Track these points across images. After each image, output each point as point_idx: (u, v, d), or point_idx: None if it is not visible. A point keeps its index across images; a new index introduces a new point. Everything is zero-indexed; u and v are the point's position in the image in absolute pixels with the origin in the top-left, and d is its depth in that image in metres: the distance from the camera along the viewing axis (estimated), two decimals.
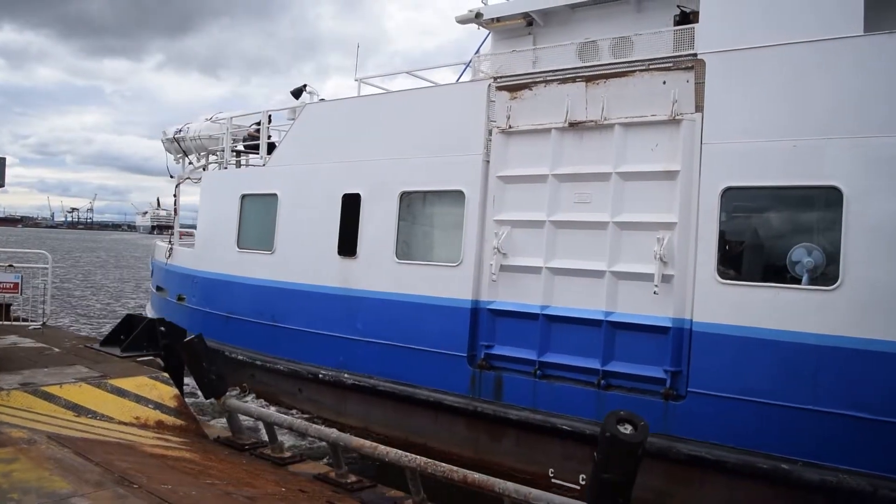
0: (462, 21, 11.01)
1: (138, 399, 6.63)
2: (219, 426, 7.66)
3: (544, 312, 8.32)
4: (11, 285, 10.00)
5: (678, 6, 9.29)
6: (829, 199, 6.78)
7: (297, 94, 12.30)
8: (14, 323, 10.22)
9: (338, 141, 10.68)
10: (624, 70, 8.05)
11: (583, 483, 7.94)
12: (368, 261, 10.07)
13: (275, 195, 11.46)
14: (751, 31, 7.33)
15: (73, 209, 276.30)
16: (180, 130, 14.23)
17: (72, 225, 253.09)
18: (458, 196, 9.17)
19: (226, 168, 13.23)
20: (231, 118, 13.06)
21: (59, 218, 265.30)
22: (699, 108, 7.50)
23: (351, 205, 10.29)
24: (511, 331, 8.59)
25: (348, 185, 10.36)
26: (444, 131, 9.37)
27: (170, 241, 14.82)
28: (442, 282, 9.20)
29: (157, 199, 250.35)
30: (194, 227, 14.27)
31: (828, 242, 6.82)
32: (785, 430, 6.77)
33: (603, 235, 7.98)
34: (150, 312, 16.63)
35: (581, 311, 8.08)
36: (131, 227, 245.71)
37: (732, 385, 7.04)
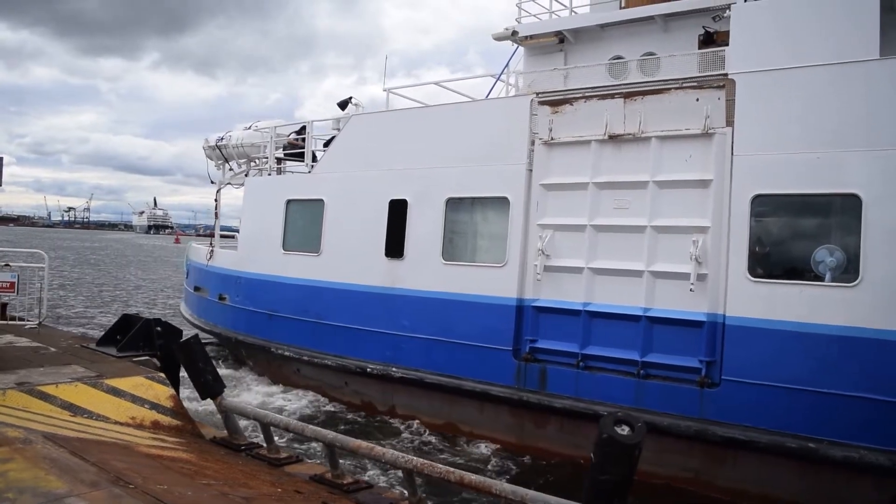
0: (498, 38, 11.78)
1: (134, 399, 6.57)
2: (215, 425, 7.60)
3: (586, 309, 9.08)
4: (7, 284, 9.90)
5: (703, 27, 10.09)
6: (849, 205, 7.57)
7: (343, 105, 13.03)
8: (10, 322, 10.10)
9: (384, 150, 11.43)
10: (660, 88, 8.84)
11: None
12: (415, 262, 10.81)
13: (321, 200, 12.19)
14: (777, 53, 8.12)
15: (70, 208, 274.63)
16: (222, 138, 14.94)
17: (68, 224, 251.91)
18: (502, 202, 9.94)
19: (269, 175, 13.95)
20: (275, 127, 13.79)
21: (56, 217, 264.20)
22: (730, 122, 8.29)
23: (398, 210, 11.04)
24: (554, 326, 9.35)
25: (395, 192, 11.10)
26: (489, 142, 10.13)
27: (210, 244, 15.50)
28: (487, 281, 9.95)
29: (154, 199, 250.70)
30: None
31: (848, 244, 7.60)
32: (811, 413, 7.54)
33: (641, 238, 8.75)
34: (185, 311, 17.36)
35: (621, 308, 8.84)
36: (128, 227, 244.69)
37: (763, 373, 7.82)
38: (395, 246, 11.05)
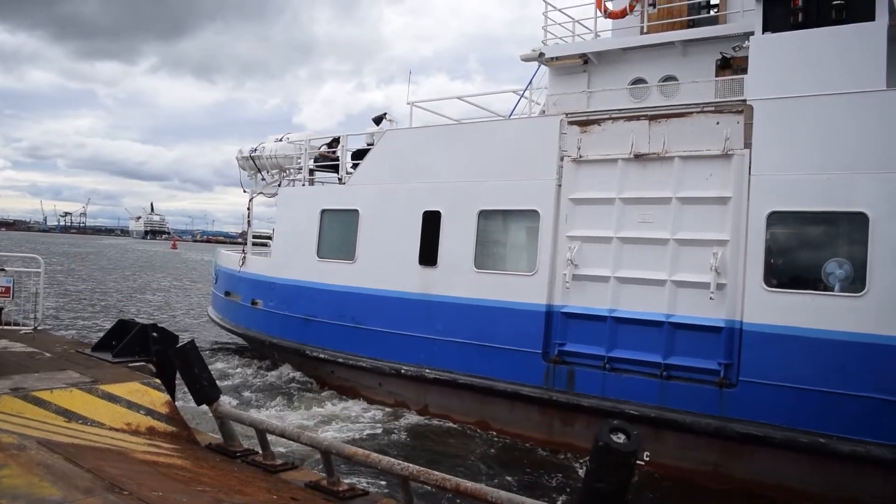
0: (526, 59, 12.54)
1: (130, 405, 6.49)
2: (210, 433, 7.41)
3: (612, 315, 9.81)
4: (3, 289, 9.74)
5: (721, 52, 10.84)
6: (857, 222, 8.31)
7: (377, 121, 13.78)
8: (5, 327, 9.94)
9: (418, 163, 12.16)
10: (683, 111, 9.59)
11: (647, 459, 9.45)
12: (448, 270, 11.52)
13: (356, 210, 12.92)
14: (792, 82, 8.88)
15: (66, 213, 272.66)
16: (255, 149, 15.67)
17: (65, 229, 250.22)
18: (533, 214, 10.67)
19: (303, 185, 14.67)
20: (308, 140, 14.52)
21: (52, 222, 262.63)
22: (748, 144, 9.03)
23: (431, 220, 11.76)
24: (582, 330, 10.07)
25: (429, 203, 11.82)
26: (520, 158, 10.86)
27: (243, 251, 16.21)
28: (518, 288, 10.68)
29: (151, 205, 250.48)
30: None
31: (856, 257, 8.34)
32: (822, 411, 8.26)
33: (664, 250, 9.48)
34: (213, 315, 18.06)
35: (645, 314, 9.56)
36: (124, 232, 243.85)
37: (777, 374, 8.55)
38: (428, 254, 11.76)
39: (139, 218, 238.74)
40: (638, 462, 9.90)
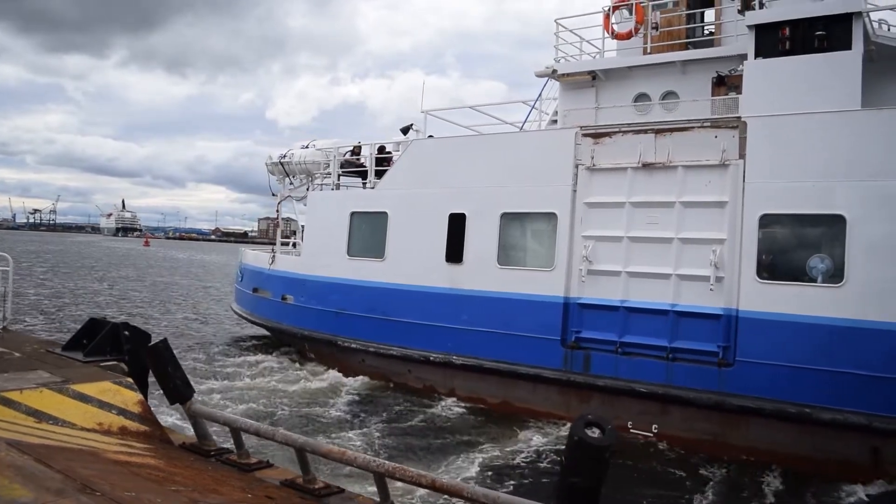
0: (540, 75, 13.82)
1: (101, 405, 6.33)
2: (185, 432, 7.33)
3: (623, 305, 11.11)
4: None
5: (716, 71, 12.17)
6: (836, 223, 9.66)
7: (405, 131, 14.99)
8: None
9: (444, 170, 13.40)
10: (685, 126, 10.90)
11: (655, 431, 10.79)
12: (473, 266, 12.78)
13: (385, 213, 14.14)
14: (781, 102, 10.21)
15: (36, 210, 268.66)
16: (285, 155, 16.85)
17: (34, 227, 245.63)
18: (551, 217, 11.95)
19: (332, 189, 15.87)
20: (338, 148, 15.72)
21: (21, 219, 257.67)
22: (742, 155, 10.35)
23: (457, 222, 13.01)
24: (596, 319, 11.37)
25: (454, 206, 13.07)
26: (539, 166, 12.14)
27: (273, 250, 17.38)
28: (538, 282, 11.96)
29: (122, 201, 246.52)
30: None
31: (835, 254, 9.69)
32: (807, 385, 9.62)
33: (669, 248, 10.80)
34: (238, 310, 19.22)
35: (652, 304, 10.88)
36: (95, 229, 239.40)
37: (769, 354, 9.89)
38: (454, 253, 13.01)
39: (110, 215, 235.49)
40: (647, 434, 11.29)
